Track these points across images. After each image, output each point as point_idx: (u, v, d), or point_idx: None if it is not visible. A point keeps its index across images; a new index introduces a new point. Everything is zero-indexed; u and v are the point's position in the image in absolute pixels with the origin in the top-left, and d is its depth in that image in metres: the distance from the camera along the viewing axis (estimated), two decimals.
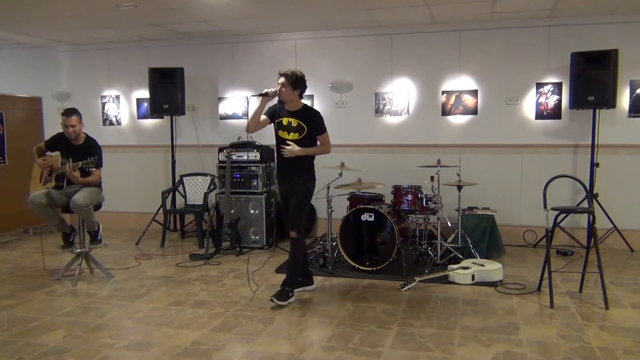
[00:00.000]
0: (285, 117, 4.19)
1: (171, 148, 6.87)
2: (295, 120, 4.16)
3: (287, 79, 4.07)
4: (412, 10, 5.54)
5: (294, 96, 4.14)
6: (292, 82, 4.08)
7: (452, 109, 6.29)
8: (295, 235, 4.20)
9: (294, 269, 4.25)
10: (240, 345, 3.43)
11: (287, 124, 4.18)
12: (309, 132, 4.15)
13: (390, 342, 3.40)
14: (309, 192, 4.25)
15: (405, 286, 4.47)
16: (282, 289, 4.17)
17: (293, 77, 4.08)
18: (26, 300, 4.33)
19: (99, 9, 5.45)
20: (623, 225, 5.77)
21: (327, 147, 4.28)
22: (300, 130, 4.15)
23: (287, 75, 4.08)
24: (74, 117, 4.81)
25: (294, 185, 4.18)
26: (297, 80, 4.09)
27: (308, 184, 4.23)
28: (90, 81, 7.45)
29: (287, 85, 4.08)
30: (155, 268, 5.34)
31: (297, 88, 4.12)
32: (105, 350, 3.34)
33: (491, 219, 5.49)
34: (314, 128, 4.18)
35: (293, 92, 4.11)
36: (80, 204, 4.57)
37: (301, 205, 4.21)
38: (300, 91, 4.15)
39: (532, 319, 3.80)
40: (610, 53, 5.37)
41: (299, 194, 4.18)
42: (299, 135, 4.15)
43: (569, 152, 6.00)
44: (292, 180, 4.19)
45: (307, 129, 4.15)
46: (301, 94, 4.19)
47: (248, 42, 6.84)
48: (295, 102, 4.19)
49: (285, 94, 4.11)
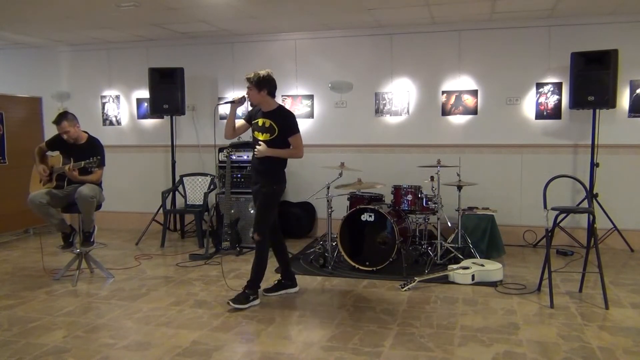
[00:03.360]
0: (260, 118, 4.17)
1: (171, 148, 6.87)
2: (268, 121, 4.12)
3: (250, 81, 4.05)
4: (412, 10, 5.54)
5: (263, 97, 4.09)
6: (255, 84, 4.03)
7: (452, 109, 6.29)
8: (257, 238, 4.14)
9: (257, 272, 4.17)
10: (240, 345, 3.44)
11: (261, 125, 4.16)
12: (279, 133, 4.10)
13: (390, 342, 3.40)
14: (275, 194, 4.20)
15: (405, 286, 4.47)
16: (242, 292, 4.12)
17: (255, 79, 4.03)
18: (26, 300, 4.33)
19: (99, 9, 5.45)
20: (623, 225, 5.76)
21: (299, 150, 4.20)
22: (271, 131, 4.11)
23: (249, 79, 4.05)
24: (65, 122, 4.73)
25: (262, 187, 4.17)
26: (260, 81, 4.03)
27: (274, 187, 4.18)
28: (90, 81, 7.45)
29: (251, 87, 4.06)
30: (155, 268, 5.34)
31: (263, 88, 4.05)
32: (105, 350, 3.34)
33: (491, 219, 5.49)
34: (285, 129, 4.11)
35: (259, 93, 4.06)
36: (86, 194, 4.56)
37: (264, 207, 4.16)
38: (267, 91, 4.08)
39: (532, 319, 3.80)
40: (610, 53, 5.37)
41: (263, 195, 4.16)
42: (270, 136, 4.11)
43: (569, 152, 6.00)
44: (260, 182, 4.18)
45: (278, 130, 4.09)
46: (271, 93, 4.11)
47: (248, 42, 6.84)
48: (268, 103, 4.14)
49: (252, 97, 4.09)
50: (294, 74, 6.75)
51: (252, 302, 4.10)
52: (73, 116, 4.84)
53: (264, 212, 4.17)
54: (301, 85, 6.76)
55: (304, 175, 6.76)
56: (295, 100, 6.78)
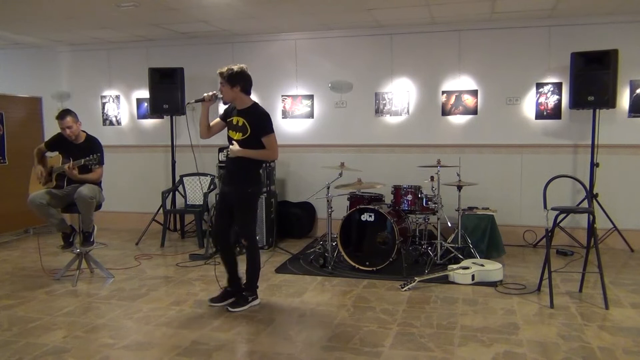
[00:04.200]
0: (235, 117, 3.99)
1: (171, 148, 6.87)
2: (242, 120, 3.94)
3: (222, 77, 3.87)
4: (412, 10, 5.54)
5: (236, 94, 3.92)
6: (227, 80, 3.86)
7: (452, 109, 6.29)
8: (246, 243, 4.06)
9: (251, 275, 4.10)
10: (240, 345, 3.44)
11: (235, 123, 3.98)
12: (252, 132, 3.91)
13: (390, 342, 3.40)
14: (252, 197, 4.03)
15: (405, 286, 4.47)
16: (240, 295, 4.09)
17: (228, 74, 3.86)
18: (26, 300, 4.33)
19: (99, 9, 5.45)
20: (623, 225, 5.77)
21: (273, 152, 4.00)
22: (244, 130, 3.92)
23: (222, 74, 3.87)
24: (68, 117, 4.75)
25: (236, 190, 3.99)
26: (232, 77, 3.86)
27: (249, 190, 3.99)
28: (90, 81, 7.45)
29: (224, 83, 3.88)
30: (155, 268, 5.34)
31: (236, 84, 3.88)
32: (105, 350, 3.34)
33: (491, 219, 5.49)
34: (258, 129, 3.91)
35: (232, 89, 3.89)
36: (85, 195, 4.56)
37: (246, 212, 4.02)
38: (241, 87, 3.90)
39: (532, 319, 3.80)
40: (610, 53, 5.37)
41: (242, 201, 3.99)
42: (243, 135, 3.93)
43: (569, 152, 6.00)
44: (234, 184, 4.00)
45: (251, 129, 3.90)
46: (245, 89, 3.94)
47: (248, 42, 6.84)
48: (242, 100, 3.97)
49: (225, 94, 3.93)
50: (294, 74, 6.75)
51: (251, 303, 4.09)
52: (75, 114, 4.86)
53: (248, 216, 4.04)
54: (301, 85, 6.76)
55: (304, 175, 6.77)
56: (295, 100, 6.78)
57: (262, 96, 6.86)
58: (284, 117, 6.82)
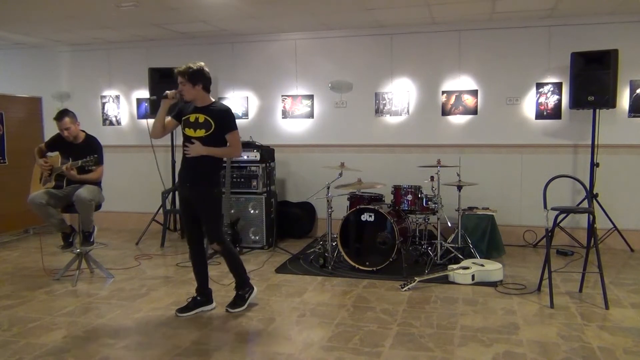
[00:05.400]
0: (193, 114, 3.83)
1: (171, 148, 6.87)
2: (203, 116, 3.79)
3: (183, 76, 3.74)
4: (412, 10, 5.54)
5: (198, 92, 3.79)
6: (188, 78, 3.74)
7: (452, 109, 6.29)
8: (218, 247, 3.91)
9: (238, 273, 4.03)
10: (241, 345, 3.44)
11: (193, 121, 3.81)
12: (216, 129, 3.77)
13: (390, 342, 3.40)
14: (217, 198, 3.90)
15: (405, 286, 4.47)
16: (236, 295, 4.06)
17: (188, 73, 3.73)
18: (26, 300, 4.33)
19: (99, 9, 5.45)
20: (623, 225, 5.77)
21: (236, 149, 3.90)
22: (207, 126, 3.77)
23: (182, 72, 3.74)
24: (67, 119, 4.74)
25: (200, 192, 3.83)
26: (193, 75, 3.73)
27: (215, 190, 3.86)
28: (90, 81, 7.45)
29: (184, 82, 3.75)
30: (155, 268, 5.34)
31: (197, 82, 3.76)
32: (105, 350, 3.34)
33: (491, 219, 5.49)
34: (223, 125, 3.80)
35: (194, 88, 3.77)
36: (84, 197, 4.56)
37: (213, 214, 3.89)
38: (202, 85, 3.79)
39: (532, 319, 3.80)
40: (610, 53, 5.37)
41: (208, 203, 3.85)
42: (206, 132, 3.77)
43: (569, 152, 6.00)
44: (196, 186, 3.82)
45: (215, 125, 3.77)
46: (205, 87, 3.82)
47: (248, 42, 6.84)
48: (202, 98, 3.84)
49: (186, 92, 3.79)
50: (294, 74, 6.75)
51: (250, 298, 4.07)
52: (73, 114, 4.85)
53: (216, 219, 3.93)
54: (301, 85, 6.76)
55: (304, 175, 6.77)
56: (295, 100, 6.78)
57: (262, 96, 6.88)
58: (284, 117, 6.83)
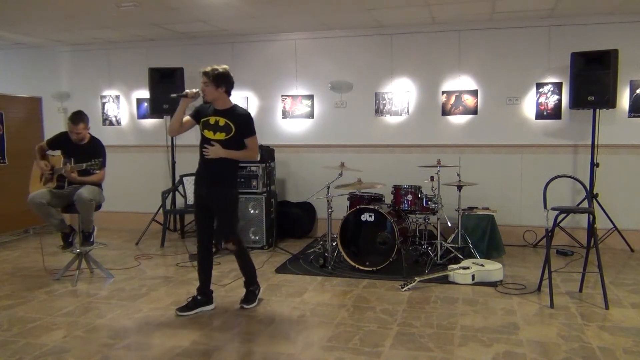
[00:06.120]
0: (212, 116, 3.89)
1: (171, 148, 6.87)
2: (223, 120, 3.86)
3: (208, 76, 3.79)
4: (412, 10, 5.54)
5: (220, 94, 3.85)
6: (213, 80, 3.79)
7: (452, 109, 6.29)
8: (233, 247, 3.98)
9: (249, 272, 4.13)
10: (240, 345, 3.44)
11: (213, 123, 3.87)
12: (236, 132, 3.85)
13: (390, 342, 3.40)
14: (235, 198, 4.00)
15: (405, 286, 4.47)
16: (247, 292, 4.12)
17: (213, 74, 3.78)
18: (26, 300, 4.33)
19: (99, 9, 5.45)
20: (623, 225, 5.76)
21: (254, 152, 3.98)
22: (227, 130, 3.84)
23: (207, 73, 3.79)
24: (81, 125, 4.77)
25: (218, 193, 3.89)
26: (218, 77, 3.79)
27: (233, 191, 3.95)
28: (90, 81, 7.45)
29: (209, 83, 3.80)
30: (155, 268, 5.34)
31: (221, 85, 3.82)
32: (105, 350, 3.34)
33: (491, 219, 5.49)
34: (243, 129, 3.87)
35: (217, 90, 3.82)
36: (84, 197, 4.57)
37: (231, 214, 3.97)
38: (225, 88, 3.85)
39: (532, 319, 3.80)
40: (610, 53, 5.37)
41: (227, 203, 3.92)
42: (226, 135, 3.84)
43: (569, 152, 6.00)
44: (215, 186, 3.89)
45: (235, 129, 3.84)
46: (228, 91, 3.89)
47: (248, 42, 6.84)
48: (223, 101, 3.90)
49: (208, 93, 3.84)
50: (294, 74, 6.75)
51: (259, 294, 4.18)
52: (88, 119, 4.89)
53: (233, 219, 4.01)
54: (301, 85, 6.76)
55: (304, 175, 6.77)
56: (295, 100, 6.78)
57: (262, 96, 6.88)
58: (284, 117, 6.83)
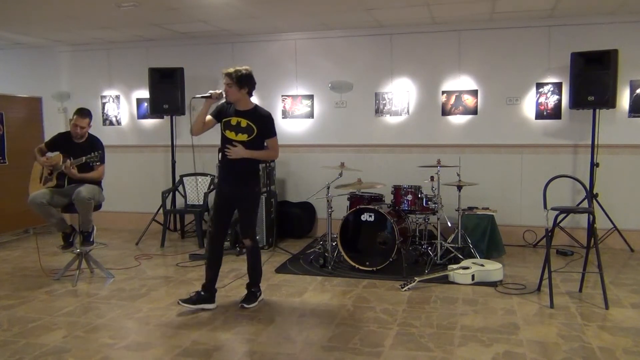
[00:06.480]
0: (234, 117, 3.95)
1: (171, 148, 6.87)
2: (245, 121, 3.93)
3: (231, 77, 3.84)
4: (412, 10, 5.54)
5: (242, 95, 3.91)
6: (236, 81, 3.84)
7: (452, 109, 6.29)
8: (250, 243, 4.08)
9: (256, 274, 4.18)
10: (240, 345, 3.44)
11: (235, 124, 3.94)
12: (258, 134, 3.93)
13: (390, 342, 3.40)
14: (258, 197, 4.15)
15: (405, 286, 4.47)
16: (249, 292, 4.16)
17: (237, 76, 3.83)
18: (26, 300, 4.33)
19: (99, 9, 5.45)
20: (623, 225, 5.76)
21: (275, 152, 4.09)
22: (249, 131, 3.92)
23: (230, 75, 3.84)
24: (87, 119, 4.87)
25: (241, 191, 4.00)
26: (241, 78, 3.84)
27: (256, 189, 4.10)
28: (90, 81, 7.45)
29: (232, 84, 3.85)
30: (155, 268, 5.34)
31: (244, 86, 3.88)
32: (105, 350, 3.34)
33: (491, 219, 5.49)
34: (265, 130, 3.97)
35: (240, 91, 3.88)
36: (83, 196, 4.57)
37: (253, 212, 4.10)
38: (248, 89, 3.92)
39: (532, 319, 3.80)
40: (610, 53, 5.37)
41: (249, 200, 4.04)
42: (248, 136, 3.92)
43: (569, 152, 6.00)
44: (239, 185, 4.00)
45: (257, 130, 3.92)
46: (250, 92, 3.95)
47: (248, 42, 6.84)
48: (245, 102, 3.97)
49: (231, 94, 3.90)
50: (294, 74, 6.75)
51: (260, 297, 4.21)
52: (92, 117, 4.98)
53: (254, 217, 4.14)
54: (301, 85, 6.76)
55: (304, 175, 6.77)
56: (295, 100, 6.78)
57: (262, 96, 6.87)
58: (284, 117, 6.83)
